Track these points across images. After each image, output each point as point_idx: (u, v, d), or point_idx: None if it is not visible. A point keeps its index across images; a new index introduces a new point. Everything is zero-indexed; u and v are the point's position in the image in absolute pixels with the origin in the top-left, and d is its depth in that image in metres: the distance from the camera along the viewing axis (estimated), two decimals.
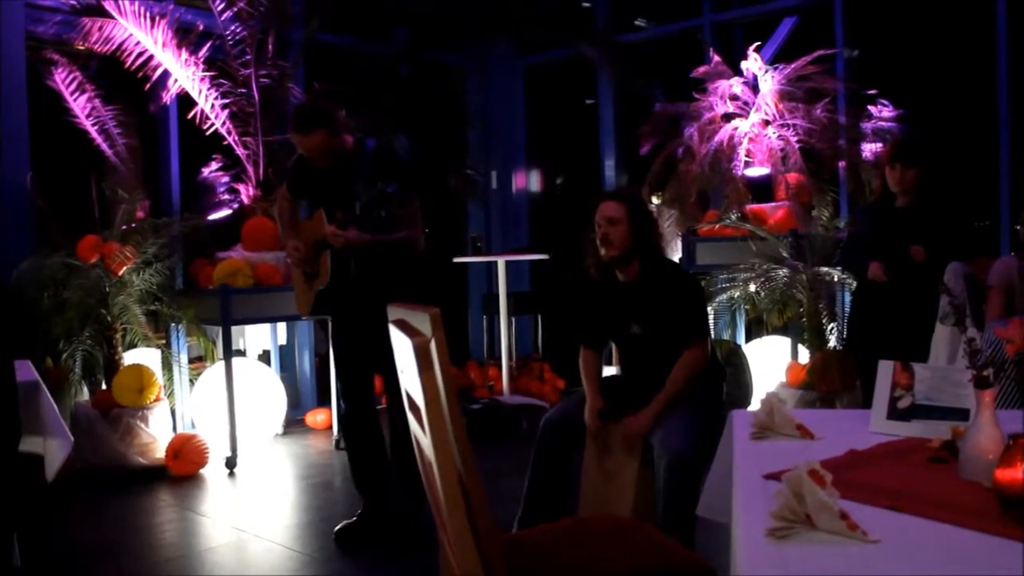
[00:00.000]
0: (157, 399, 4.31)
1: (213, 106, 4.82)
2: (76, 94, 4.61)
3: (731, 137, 4.88)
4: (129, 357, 4.41)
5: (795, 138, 4.71)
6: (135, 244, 4.34)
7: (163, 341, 4.62)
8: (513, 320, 5.89)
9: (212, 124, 4.86)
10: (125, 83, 4.76)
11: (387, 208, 2.95)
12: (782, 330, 4.74)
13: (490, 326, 6.71)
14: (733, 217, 4.71)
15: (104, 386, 4.32)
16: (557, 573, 1.68)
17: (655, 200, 5.50)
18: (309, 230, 3.25)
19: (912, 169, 3.56)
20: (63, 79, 4.57)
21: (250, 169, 4.99)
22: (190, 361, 4.87)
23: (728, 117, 4.97)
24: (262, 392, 4.74)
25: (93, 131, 4.64)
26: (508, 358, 5.53)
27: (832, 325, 4.34)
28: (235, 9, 4.81)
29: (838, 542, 1.13)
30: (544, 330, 6.49)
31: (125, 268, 4.26)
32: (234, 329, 4.54)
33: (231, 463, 4.34)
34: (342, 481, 4.17)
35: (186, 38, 4.76)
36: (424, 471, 1.62)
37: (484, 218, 6.96)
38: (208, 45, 4.84)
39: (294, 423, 5.32)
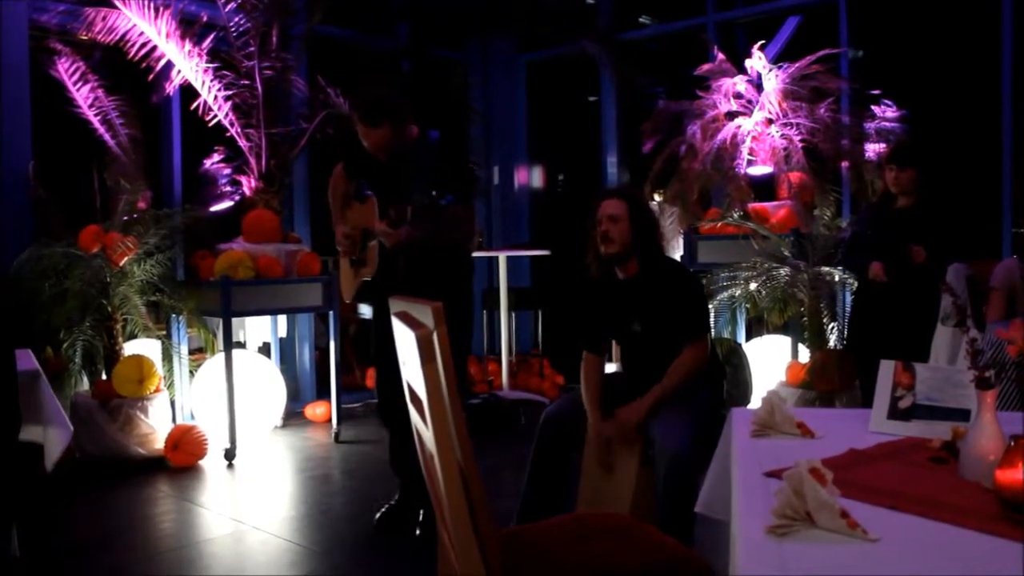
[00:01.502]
0: (157, 390, 4.31)
1: (216, 98, 4.81)
2: (79, 84, 4.60)
3: (734, 135, 4.87)
4: (129, 348, 4.41)
5: (798, 137, 4.70)
6: (136, 235, 4.33)
7: (163, 332, 4.62)
8: (513, 315, 5.89)
9: (215, 116, 4.85)
10: (128, 74, 4.75)
11: (445, 215, 2.87)
12: (782, 329, 4.74)
13: (490, 321, 6.71)
14: (735, 215, 4.70)
15: (104, 376, 4.32)
16: (554, 568, 1.68)
17: (657, 198, 5.49)
18: (359, 216, 3.18)
19: (907, 171, 3.57)
20: (66, 69, 4.57)
21: (252, 161, 4.99)
22: (190, 352, 4.87)
23: (731, 115, 4.96)
24: (262, 384, 4.75)
25: (96, 121, 4.64)
26: (508, 353, 5.53)
27: (832, 325, 4.34)
28: (239, 1, 4.80)
29: (838, 540, 1.13)
30: (544, 326, 6.49)
31: (126, 259, 4.26)
32: (234, 321, 4.54)
33: (230, 455, 4.34)
34: (340, 474, 4.18)
35: (190, 29, 4.75)
36: (425, 463, 1.62)
37: (485, 213, 6.95)
38: (212, 36, 4.83)
39: (293, 416, 5.33)
